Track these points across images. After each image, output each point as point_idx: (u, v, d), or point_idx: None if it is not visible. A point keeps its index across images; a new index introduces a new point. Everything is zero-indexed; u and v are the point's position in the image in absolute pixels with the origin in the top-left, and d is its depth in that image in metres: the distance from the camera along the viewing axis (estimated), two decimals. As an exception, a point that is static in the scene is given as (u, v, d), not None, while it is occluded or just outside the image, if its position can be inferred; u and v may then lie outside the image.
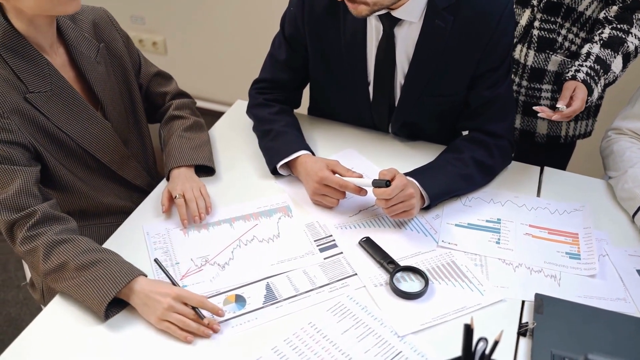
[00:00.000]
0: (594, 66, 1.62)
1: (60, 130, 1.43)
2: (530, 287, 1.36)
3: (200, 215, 1.46)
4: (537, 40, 1.77)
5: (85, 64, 1.50)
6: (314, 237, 1.46)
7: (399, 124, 1.71)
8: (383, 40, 1.54)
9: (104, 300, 1.23)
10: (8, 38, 1.36)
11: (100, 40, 1.55)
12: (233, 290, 1.32)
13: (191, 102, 1.77)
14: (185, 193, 1.49)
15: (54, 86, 1.41)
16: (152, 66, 1.74)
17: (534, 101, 1.86)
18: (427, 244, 1.45)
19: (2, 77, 1.35)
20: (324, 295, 1.31)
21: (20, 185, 1.33)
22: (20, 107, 1.36)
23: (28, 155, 1.38)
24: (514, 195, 1.62)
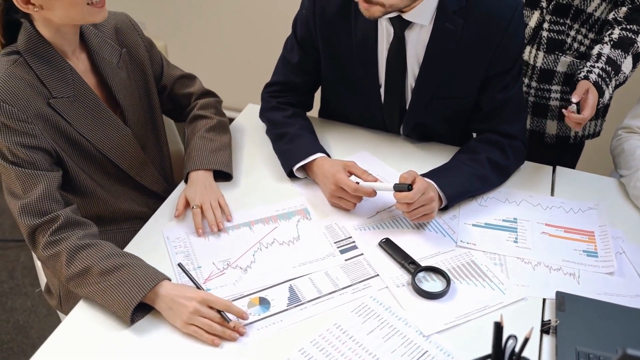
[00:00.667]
0: (606, 67, 1.64)
1: (82, 135, 1.44)
2: (550, 285, 1.37)
3: (218, 225, 1.47)
4: (546, 41, 1.78)
5: (107, 69, 1.51)
6: (333, 239, 1.47)
7: (411, 126, 1.73)
8: (394, 43, 1.55)
9: (130, 305, 1.24)
10: (33, 44, 1.37)
11: (123, 45, 1.56)
12: (256, 293, 1.32)
13: (216, 101, 1.77)
14: (203, 204, 1.50)
15: (77, 92, 1.42)
16: (175, 69, 1.75)
17: (544, 102, 1.88)
18: (446, 244, 1.47)
19: (27, 82, 1.36)
20: (347, 297, 1.32)
21: (43, 190, 1.33)
22: (43, 112, 1.37)
23: (50, 160, 1.38)
24: (528, 195, 1.63)
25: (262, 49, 3.05)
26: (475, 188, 1.58)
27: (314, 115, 1.87)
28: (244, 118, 1.89)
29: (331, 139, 1.79)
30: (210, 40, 3.29)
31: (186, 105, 1.75)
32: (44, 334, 2.36)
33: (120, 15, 1.60)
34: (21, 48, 1.37)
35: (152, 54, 1.66)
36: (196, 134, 1.65)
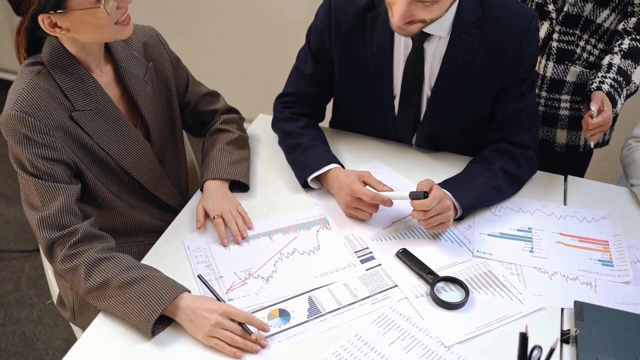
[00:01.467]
0: (617, 78, 1.66)
1: (102, 148, 1.44)
2: (567, 294, 1.39)
3: (241, 233, 1.48)
4: (556, 51, 1.80)
5: (133, 84, 1.51)
6: (353, 249, 1.48)
7: (424, 136, 1.74)
8: (412, 55, 1.57)
9: (151, 318, 1.24)
10: (57, 56, 1.38)
11: (149, 59, 1.57)
12: (276, 305, 1.33)
13: (238, 117, 1.78)
14: (224, 214, 1.51)
15: (99, 105, 1.43)
16: (201, 86, 1.76)
17: (553, 111, 1.90)
18: (462, 254, 1.48)
19: (50, 94, 1.36)
20: (367, 308, 1.33)
21: (62, 203, 1.34)
22: (65, 124, 1.38)
23: (70, 172, 1.39)
24: (541, 204, 1.65)
25: (272, 60, 3.07)
26: (489, 198, 1.60)
27: (324, 125, 1.88)
28: (255, 129, 1.89)
29: (343, 149, 1.80)
30: (220, 51, 3.30)
31: (209, 122, 1.76)
32: (51, 346, 2.36)
33: (147, 29, 1.61)
34: (45, 59, 1.37)
35: (178, 70, 1.66)
36: (216, 145, 1.67)
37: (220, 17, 3.19)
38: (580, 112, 1.85)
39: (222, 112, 1.76)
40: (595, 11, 1.72)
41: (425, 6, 1.35)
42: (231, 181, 1.62)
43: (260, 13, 3.06)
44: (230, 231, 1.49)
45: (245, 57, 3.27)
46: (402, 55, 1.59)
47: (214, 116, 1.76)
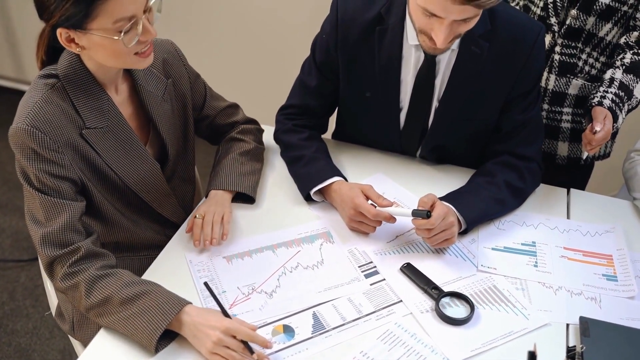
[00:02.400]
0: (619, 93, 1.67)
1: (109, 167, 1.43)
2: (572, 310, 1.38)
3: (211, 241, 1.47)
4: (558, 64, 1.81)
5: (152, 103, 1.50)
6: (357, 264, 1.47)
7: (429, 147, 1.74)
8: (424, 68, 1.57)
9: (155, 334, 1.23)
10: (73, 71, 1.36)
11: (168, 76, 1.55)
12: (280, 320, 1.32)
13: (256, 128, 1.77)
14: (206, 215, 1.51)
15: (110, 123, 1.42)
16: (219, 100, 1.75)
17: (555, 124, 1.91)
18: (466, 268, 1.47)
19: (62, 110, 1.35)
20: (372, 324, 1.32)
21: (65, 220, 1.32)
22: (74, 142, 1.36)
23: (76, 189, 1.38)
24: (545, 218, 1.65)
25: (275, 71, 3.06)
26: (493, 212, 1.60)
27: (327, 137, 1.88)
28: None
29: (346, 161, 1.79)
30: (223, 62, 3.29)
31: (228, 132, 1.75)
32: (47, 357, 2.34)
33: (166, 44, 1.58)
34: (60, 73, 1.36)
35: (196, 85, 1.65)
36: (229, 154, 1.66)
37: (224, 29, 3.19)
38: (582, 124, 1.86)
39: (242, 123, 1.76)
40: (597, 25, 1.73)
41: (466, 22, 1.36)
42: (237, 192, 1.62)
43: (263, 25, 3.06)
44: (203, 234, 1.48)
45: (248, 68, 3.27)
46: (411, 68, 1.59)
47: (234, 127, 1.75)
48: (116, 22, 1.25)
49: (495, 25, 1.52)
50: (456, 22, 1.35)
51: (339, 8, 1.58)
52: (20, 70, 3.65)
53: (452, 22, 1.34)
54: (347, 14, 1.58)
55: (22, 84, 3.68)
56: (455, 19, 1.33)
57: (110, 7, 1.23)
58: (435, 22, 1.35)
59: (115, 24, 1.25)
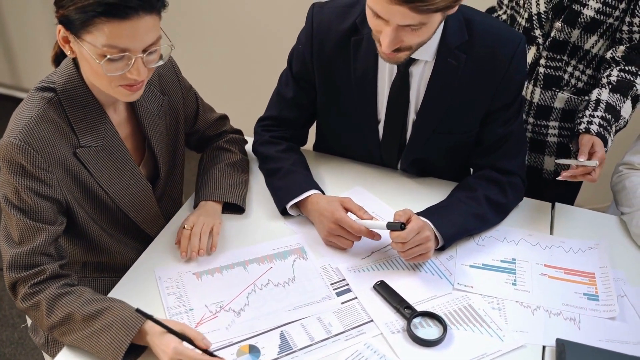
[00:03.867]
0: (605, 115, 1.61)
1: (101, 186, 1.41)
2: (550, 331, 1.34)
3: (198, 252, 1.45)
4: (543, 77, 1.77)
5: (148, 121, 1.48)
6: (330, 280, 1.44)
7: (409, 160, 1.71)
8: (397, 79, 1.53)
9: (120, 350, 1.20)
10: (72, 86, 1.34)
11: (164, 92, 1.53)
12: (246, 340, 1.29)
13: (242, 139, 1.78)
14: (195, 226, 1.48)
15: (106, 142, 1.39)
16: (210, 112, 1.74)
17: (541, 138, 1.87)
18: (442, 287, 1.44)
19: (57, 127, 1.32)
20: (341, 344, 1.29)
21: (39, 244, 1.30)
22: (67, 161, 1.34)
23: (58, 209, 1.35)
24: (527, 234, 1.60)
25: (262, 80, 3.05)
26: (472, 227, 1.56)
27: (308, 148, 1.86)
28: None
29: (325, 173, 1.76)
30: (212, 58, 3.28)
31: (215, 140, 1.74)
32: (32, 368, 2.33)
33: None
34: (58, 87, 1.33)
35: (188, 98, 1.62)
36: (216, 165, 1.65)
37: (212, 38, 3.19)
38: (569, 138, 1.82)
39: (229, 132, 1.76)
40: (582, 37, 1.69)
41: (413, 30, 1.31)
42: (225, 203, 1.60)
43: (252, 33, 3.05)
44: (190, 245, 1.46)
45: (234, 77, 3.26)
46: (386, 80, 1.56)
47: (222, 136, 1.74)
48: (105, 46, 1.22)
49: (473, 36, 1.48)
50: (403, 29, 1.30)
51: (314, 19, 1.56)
52: (16, 77, 3.66)
53: (398, 28, 1.29)
54: (322, 24, 1.55)
55: (17, 91, 3.69)
56: (399, 23, 1.28)
57: (107, 29, 1.20)
58: (382, 24, 1.31)
59: (103, 47, 1.22)
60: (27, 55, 3.51)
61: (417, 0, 1.22)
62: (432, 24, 1.33)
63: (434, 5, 1.24)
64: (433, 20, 1.31)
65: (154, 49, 1.28)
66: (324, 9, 1.56)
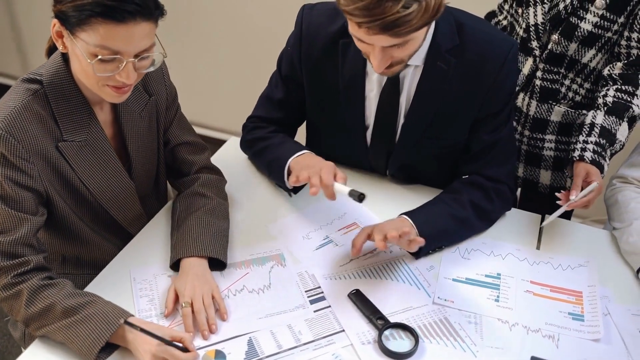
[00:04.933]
0: (599, 141, 1.58)
1: (82, 182, 1.43)
2: (526, 348, 1.32)
3: (210, 328, 1.32)
4: (539, 90, 1.75)
5: (127, 119, 1.49)
6: (305, 288, 1.44)
7: (397, 166, 1.70)
8: (387, 85, 1.53)
9: (97, 343, 1.22)
10: (59, 80, 1.36)
11: (150, 92, 1.54)
12: (214, 345, 1.29)
13: (219, 179, 1.65)
14: (194, 301, 1.34)
15: (89, 137, 1.41)
16: (188, 133, 1.66)
17: (537, 151, 1.85)
18: (420, 298, 1.42)
19: (40, 119, 1.34)
20: (308, 354, 1.28)
21: (22, 235, 1.31)
22: (48, 154, 1.36)
23: (38, 201, 1.36)
24: (515, 248, 1.58)
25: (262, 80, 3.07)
26: (453, 230, 1.54)
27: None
28: (226, 151, 1.88)
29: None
30: (212, 64, 3.32)
31: (185, 173, 1.65)
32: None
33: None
34: (45, 79, 1.35)
35: (170, 104, 1.61)
36: (192, 214, 1.52)
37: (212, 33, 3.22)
38: (566, 152, 1.79)
39: (201, 167, 1.65)
40: (580, 51, 1.66)
41: (400, 47, 1.32)
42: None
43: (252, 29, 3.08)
44: (198, 324, 1.32)
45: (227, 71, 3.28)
46: (375, 85, 1.55)
47: (190, 168, 1.64)
48: (98, 47, 1.24)
49: (464, 40, 1.47)
50: (390, 48, 1.30)
51: (303, 21, 1.56)
52: (27, 68, 3.73)
53: (385, 48, 1.30)
54: (311, 27, 1.55)
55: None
56: (383, 45, 1.28)
57: (102, 30, 1.22)
58: (368, 47, 1.32)
59: (96, 47, 1.24)
60: (38, 47, 3.58)
61: (393, 27, 1.22)
62: (417, 37, 1.33)
63: (411, 27, 1.24)
64: (417, 34, 1.31)
65: (147, 55, 1.31)
66: (313, 11, 1.57)
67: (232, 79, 3.31)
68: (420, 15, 1.23)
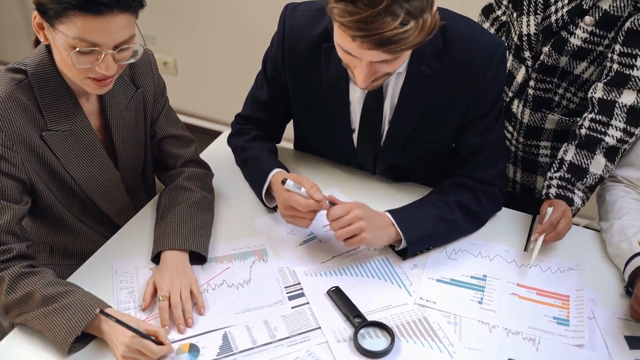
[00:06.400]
0: (565, 175, 1.61)
1: (67, 172, 1.47)
2: (505, 350, 1.33)
3: (186, 322, 1.36)
4: (532, 99, 1.76)
5: (113, 110, 1.53)
6: (285, 284, 1.47)
7: (384, 167, 1.73)
8: (371, 92, 1.54)
9: (73, 332, 1.26)
10: (44, 70, 1.41)
11: (138, 85, 1.58)
12: (188, 339, 1.33)
13: (204, 173, 1.69)
14: (172, 295, 1.38)
15: (75, 126, 1.45)
16: (175, 126, 1.70)
17: (532, 158, 1.87)
18: (400, 297, 1.44)
19: (24, 109, 1.39)
20: (282, 350, 1.31)
21: (4, 222, 1.36)
22: (32, 142, 1.40)
23: (22, 189, 1.41)
24: (504, 250, 1.59)
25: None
26: (440, 232, 1.55)
27: (289, 147, 1.90)
28: (217, 146, 1.92)
29: (304, 173, 1.79)
30: (220, 56, 3.37)
31: (171, 167, 1.69)
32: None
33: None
34: (30, 69, 1.40)
35: (158, 97, 1.65)
36: (175, 208, 1.56)
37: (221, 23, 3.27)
38: None
39: (186, 161, 1.68)
40: (571, 63, 1.66)
41: (388, 62, 1.33)
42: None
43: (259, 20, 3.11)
44: (174, 318, 1.36)
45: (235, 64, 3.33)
46: (358, 89, 1.55)
47: (175, 162, 1.68)
48: (76, 39, 1.28)
49: (447, 43, 1.47)
50: (377, 63, 1.31)
51: (286, 23, 1.57)
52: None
53: (372, 63, 1.31)
54: (293, 29, 1.56)
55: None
56: (372, 60, 1.30)
57: (79, 22, 1.26)
58: (354, 60, 1.32)
59: (74, 39, 1.28)
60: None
61: (389, 43, 1.23)
62: (406, 53, 1.35)
63: (407, 45, 1.26)
64: (408, 51, 1.33)
65: (126, 47, 1.34)
66: (296, 12, 1.57)
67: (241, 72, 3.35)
68: (417, 33, 1.25)
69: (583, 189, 1.61)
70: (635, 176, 1.64)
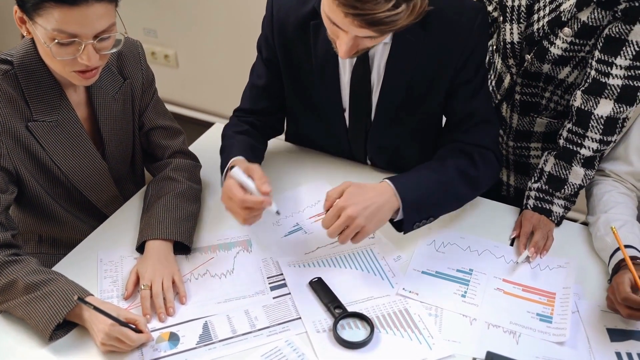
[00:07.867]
0: (543, 187, 1.66)
1: (54, 162, 1.53)
2: (485, 343, 1.37)
3: (167, 311, 1.40)
4: (519, 104, 1.79)
5: (100, 100, 1.58)
6: (267, 274, 1.51)
7: (375, 147, 1.77)
8: (358, 65, 1.59)
9: (54, 319, 1.30)
10: (30, 62, 1.46)
11: (123, 75, 1.63)
12: (169, 328, 1.38)
13: (191, 164, 1.74)
14: (154, 284, 1.42)
15: (61, 118, 1.51)
16: (163, 117, 1.75)
17: (523, 160, 1.90)
18: (382, 288, 1.48)
19: (10, 99, 1.44)
20: (262, 339, 1.36)
21: None
22: (18, 132, 1.45)
23: (7, 179, 1.46)
24: (494, 245, 1.62)
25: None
26: (438, 196, 1.55)
27: (281, 139, 1.94)
28: (209, 137, 1.97)
29: (293, 165, 1.84)
30: (221, 49, 3.42)
31: (158, 158, 1.74)
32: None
33: (130, 41, 1.65)
34: (16, 60, 1.45)
35: (147, 88, 1.70)
36: (161, 198, 1.60)
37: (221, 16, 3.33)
38: None
39: (173, 152, 1.74)
40: (554, 70, 1.68)
41: (372, 39, 1.38)
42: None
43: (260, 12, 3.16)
44: (155, 307, 1.40)
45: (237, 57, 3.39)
46: (347, 66, 1.61)
47: (163, 153, 1.74)
48: (54, 30, 1.33)
49: (430, 11, 1.51)
50: (361, 38, 1.36)
51: (273, 6, 1.64)
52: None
53: (356, 37, 1.36)
54: (281, 10, 1.62)
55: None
56: (359, 35, 1.34)
57: (56, 14, 1.31)
58: (339, 31, 1.37)
59: (53, 31, 1.33)
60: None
61: (379, 24, 1.29)
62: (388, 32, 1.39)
63: (395, 27, 1.32)
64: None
65: (107, 36, 1.39)
66: None
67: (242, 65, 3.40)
68: (406, 16, 1.31)
69: (563, 197, 1.66)
70: (622, 170, 1.66)
